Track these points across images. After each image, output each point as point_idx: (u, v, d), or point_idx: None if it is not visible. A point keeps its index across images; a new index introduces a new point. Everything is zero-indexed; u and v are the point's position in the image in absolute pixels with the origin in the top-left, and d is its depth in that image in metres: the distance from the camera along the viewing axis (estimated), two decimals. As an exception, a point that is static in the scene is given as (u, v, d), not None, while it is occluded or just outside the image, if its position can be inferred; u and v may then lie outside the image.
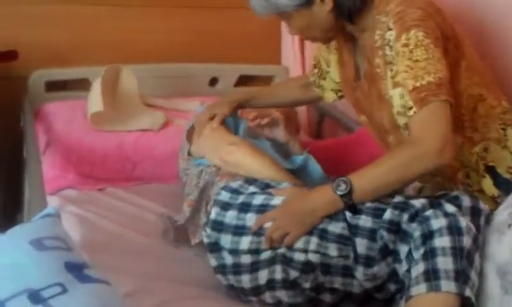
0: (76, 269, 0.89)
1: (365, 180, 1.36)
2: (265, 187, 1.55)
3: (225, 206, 1.51)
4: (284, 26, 2.40)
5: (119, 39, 2.39)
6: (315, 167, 1.75)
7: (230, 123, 1.78)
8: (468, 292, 1.21)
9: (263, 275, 1.43)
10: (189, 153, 1.79)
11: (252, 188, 1.55)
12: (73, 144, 1.98)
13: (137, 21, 2.41)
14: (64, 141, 1.99)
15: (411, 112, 1.34)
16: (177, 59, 2.46)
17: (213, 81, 2.57)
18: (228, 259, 1.47)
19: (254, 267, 1.44)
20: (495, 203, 1.48)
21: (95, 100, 2.02)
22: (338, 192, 1.35)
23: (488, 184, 1.51)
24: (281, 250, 1.41)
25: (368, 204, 1.37)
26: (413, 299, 1.23)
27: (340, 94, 1.82)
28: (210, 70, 2.56)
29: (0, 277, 0.88)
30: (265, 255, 1.43)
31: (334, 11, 1.50)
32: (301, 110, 2.49)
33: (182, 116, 2.20)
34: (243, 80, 2.62)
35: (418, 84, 1.33)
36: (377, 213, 1.34)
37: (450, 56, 1.41)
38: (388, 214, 1.32)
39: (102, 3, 2.37)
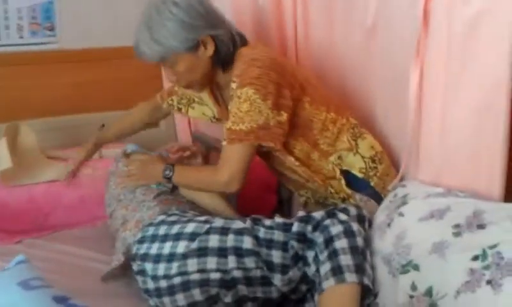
0: (63, 301, 1.04)
1: (182, 176, 1.85)
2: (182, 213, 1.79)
3: (152, 239, 1.72)
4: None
5: (11, 97, 2.47)
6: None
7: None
8: (366, 281, 1.51)
9: (180, 298, 1.64)
10: None
11: (172, 218, 1.77)
12: (-14, 201, 2.04)
13: (29, 78, 2.51)
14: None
15: (223, 143, 1.74)
16: (69, 110, 2.58)
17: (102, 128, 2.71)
18: (151, 285, 1.68)
19: (170, 291, 1.65)
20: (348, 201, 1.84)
21: (2, 158, 2.11)
22: (164, 174, 1.83)
23: (342, 185, 1.85)
24: (195, 276, 1.63)
25: (278, 221, 1.66)
26: (325, 292, 1.49)
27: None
28: (99, 118, 2.67)
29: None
30: (177, 280, 1.64)
31: (213, 58, 1.80)
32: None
33: (84, 165, 2.33)
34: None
35: (233, 127, 1.72)
36: (287, 228, 1.62)
37: (293, 97, 1.77)
38: (295, 227, 1.60)
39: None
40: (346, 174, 1.85)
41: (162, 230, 1.73)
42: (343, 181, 1.84)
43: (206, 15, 1.77)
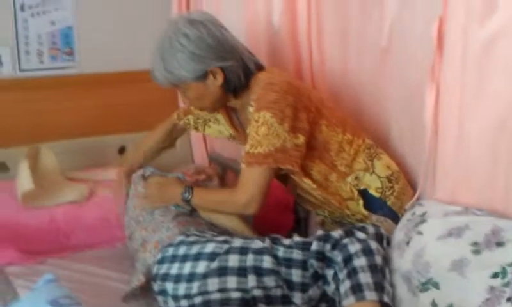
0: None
1: (201, 198, 1.91)
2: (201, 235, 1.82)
3: (171, 259, 1.75)
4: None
5: (32, 120, 2.53)
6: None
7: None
8: (386, 298, 1.53)
9: None
10: None
11: (191, 238, 1.80)
12: (8, 223, 2.09)
13: (49, 102, 2.58)
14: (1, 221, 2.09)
15: (242, 166, 1.78)
16: (88, 133, 2.64)
17: (122, 150, 2.77)
18: (172, 304, 1.71)
19: None
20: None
21: (24, 180, 2.16)
22: (183, 197, 1.89)
23: (359, 206, 1.87)
24: (215, 295, 1.65)
25: (296, 240, 1.68)
26: (345, 310, 1.52)
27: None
28: (119, 140, 2.76)
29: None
30: (198, 300, 1.67)
31: (223, 86, 1.85)
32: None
33: (104, 186, 2.37)
34: (149, 147, 2.84)
35: (251, 151, 1.77)
36: (305, 247, 1.65)
37: (310, 119, 1.82)
38: (314, 246, 1.63)
39: (14, 88, 2.52)
40: (364, 193, 1.87)
41: (181, 250, 1.76)
42: (361, 202, 1.87)
43: (216, 47, 1.83)
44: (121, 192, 2.12)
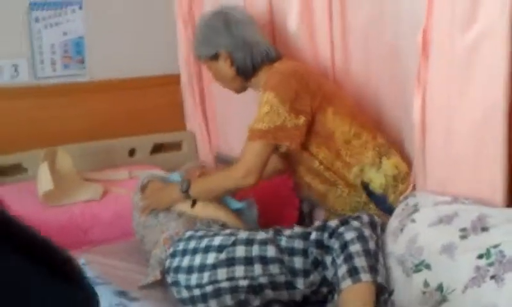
0: (123, 294, 1.22)
1: (199, 184, 2.06)
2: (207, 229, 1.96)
3: (183, 253, 1.89)
4: (186, 96, 2.87)
5: (48, 125, 2.65)
6: (252, 214, 2.18)
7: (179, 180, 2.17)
8: (380, 279, 1.67)
9: (213, 304, 1.79)
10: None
11: (200, 233, 1.94)
12: (30, 220, 2.21)
13: (63, 108, 2.70)
14: (25, 220, 2.21)
15: (245, 141, 1.96)
16: (100, 136, 2.77)
17: (132, 152, 2.89)
18: (185, 294, 1.84)
19: (203, 298, 1.81)
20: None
21: (44, 180, 2.29)
22: (181, 188, 2.03)
23: (364, 195, 2.02)
24: (225, 283, 1.78)
25: (297, 230, 1.83)
26: (344, 291, 1.65)
27: None
28: (128, 143, 2.87)
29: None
30: (209, 288, 1.80)
31: (233, 68, 2.10)
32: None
33: (116, 185, 2.52)
34: (157, 148, 2.97)
35: (253, 127, 1.95)
36: (305, 236, 1.79)
37: (315, 104, 1.98)
38: (313, 235, 1.77)
39: (30, 96, 2.65)
40: (365, 187, 2.02)
41: (191, 244, 1.89)
42: (364, 193, 2.01)
43: (226, 35, 2.10)
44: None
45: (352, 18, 2.17)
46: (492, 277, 1.48)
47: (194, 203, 2.08)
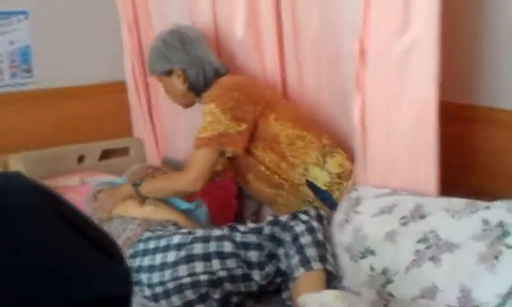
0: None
1: (150, 183, 2.20)
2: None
3: (143, 253, 1.98)
4: (133, 102, 2.95)
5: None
6: (202, 214, 2.29)
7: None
8: (329, 267, 1.82)
9: (176, 299, 1.89)
10: None
11: (158, 233, 2.03)
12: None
13: (12, 116, 2.70)
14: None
15: (192, 150, 2.11)
16: (49, 144, 2.78)
17: (81, 158, 2.91)
18: (148, 292, 1.93)
19: (166, 295, 1.89)
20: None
21: None
22: (133, 183, 2.17)
23: (309, 194, 2.15)
24: (186, 279, 1.87)
25: (250, 226, 1.95)
26: (297, 279, 1.79)
27: None
28: (77, 150, 2.89)
29: None
30: (171, 285, 1.88)
31: (185, 85, 2.22)
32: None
33: (68, 191, 2.55)
34: (105, 154, 3.00)
35: (198, 136, 2.10)
36: (259, 231, 1.91)
37: (257, 112, 2.12)
38: (266, 230, 1.90)
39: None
40: (310, 185, 2.16)
41: (151, 244, 1.97)
42: (309, 191, 2.14)
43: (181, 53, 2.21)
44: None
45: (302, 28, 2.26)
46: (430, 258, 1.65)
47: (143, 201, 2.17)
